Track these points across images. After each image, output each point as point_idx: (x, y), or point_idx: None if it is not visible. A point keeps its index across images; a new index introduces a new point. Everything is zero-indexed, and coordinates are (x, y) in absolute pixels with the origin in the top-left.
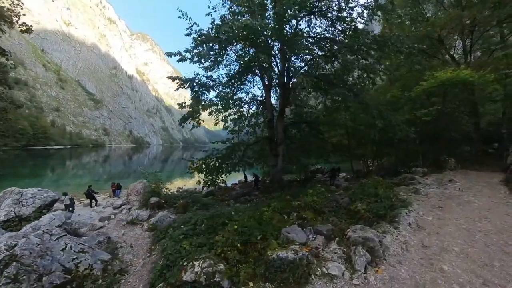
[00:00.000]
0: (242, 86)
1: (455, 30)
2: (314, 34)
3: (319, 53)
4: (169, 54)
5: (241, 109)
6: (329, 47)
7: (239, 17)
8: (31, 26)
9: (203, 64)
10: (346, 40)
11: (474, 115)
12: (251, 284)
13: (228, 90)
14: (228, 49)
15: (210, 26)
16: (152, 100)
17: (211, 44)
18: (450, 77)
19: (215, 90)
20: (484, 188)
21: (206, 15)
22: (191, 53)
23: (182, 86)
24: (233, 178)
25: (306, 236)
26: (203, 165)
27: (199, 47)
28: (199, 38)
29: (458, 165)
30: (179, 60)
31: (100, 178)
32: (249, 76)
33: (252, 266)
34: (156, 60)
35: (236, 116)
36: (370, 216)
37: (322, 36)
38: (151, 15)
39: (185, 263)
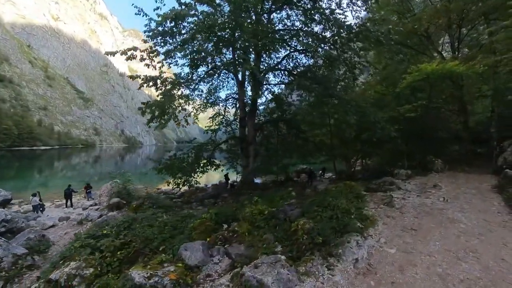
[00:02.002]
0: (220, 83)
1: (442, 25)
2: (289, 27)
3: (299, 47)
4: (111, 54)
5: (218, 108)
6: (307, 41)
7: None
8: None
9: (153, 61)
10: (323, 32)
11: (462, 113)
12: None
13: (201, 87)
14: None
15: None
16: (145, 98)
17: (166, 38)
18: (436, 69)
19: (189, 88)
20: (474, 198)
21: (154, 10)
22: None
23: (146, 84)
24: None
25: (205, 257)
26: (167, 166)
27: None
28: (148, 34)
29: (446, 166)
30: (127, 59)
31: (90, 179)
32: (229, 74)
33: (116, 279)
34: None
35: (212, 114)
36: (306, 242)
37: (299, 29)
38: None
39: (61, 262)
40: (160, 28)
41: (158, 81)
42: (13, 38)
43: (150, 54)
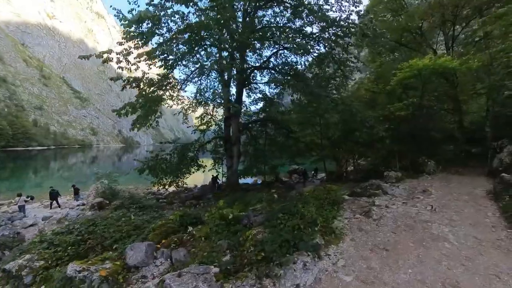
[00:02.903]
0: (211, 83)
1: (436, 21)
2: (274, 24)
3: (286, 45)
4: (85, 57)
5: (207, 107)
6: (293, 38)
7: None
8: None
9: (129, 63)
10: (305, 26)
11: (457, 112)
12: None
13: (190, 87)
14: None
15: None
16: None
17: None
18: (427, 64)
19: (173, 89)
20: (466, 206)
21: (128, 12)
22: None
23: (129, 85)
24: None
25: (146, 259)
26: (149, 167)
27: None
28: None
29: (439, 167)
30: (103, 62)
31: (88, 180)
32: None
33: (60, 271)
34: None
35: (200, 114)
36: (249, 255)
37: (283, 26)
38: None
39: (18, 254)
40: (138, 31)
41: (141, 83)
42: (7, 36)
43: (126, 56)
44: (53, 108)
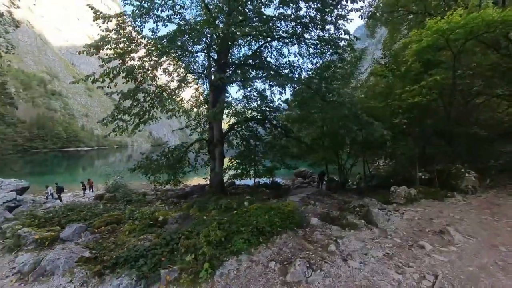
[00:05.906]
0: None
1: None
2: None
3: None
4: (74, 82)
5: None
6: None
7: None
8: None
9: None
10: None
11: None
12: None
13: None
14: None
15: None
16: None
17: None
18: (457, 22)
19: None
20: None
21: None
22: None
23: (122, 99)
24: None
25: (71, 235)
26: (140, 167)
27: None
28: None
29: (486, 180)
30: (92, 82)
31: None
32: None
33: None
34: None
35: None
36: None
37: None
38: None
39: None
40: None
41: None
42: (60, 59)
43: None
44: (96, 115)
